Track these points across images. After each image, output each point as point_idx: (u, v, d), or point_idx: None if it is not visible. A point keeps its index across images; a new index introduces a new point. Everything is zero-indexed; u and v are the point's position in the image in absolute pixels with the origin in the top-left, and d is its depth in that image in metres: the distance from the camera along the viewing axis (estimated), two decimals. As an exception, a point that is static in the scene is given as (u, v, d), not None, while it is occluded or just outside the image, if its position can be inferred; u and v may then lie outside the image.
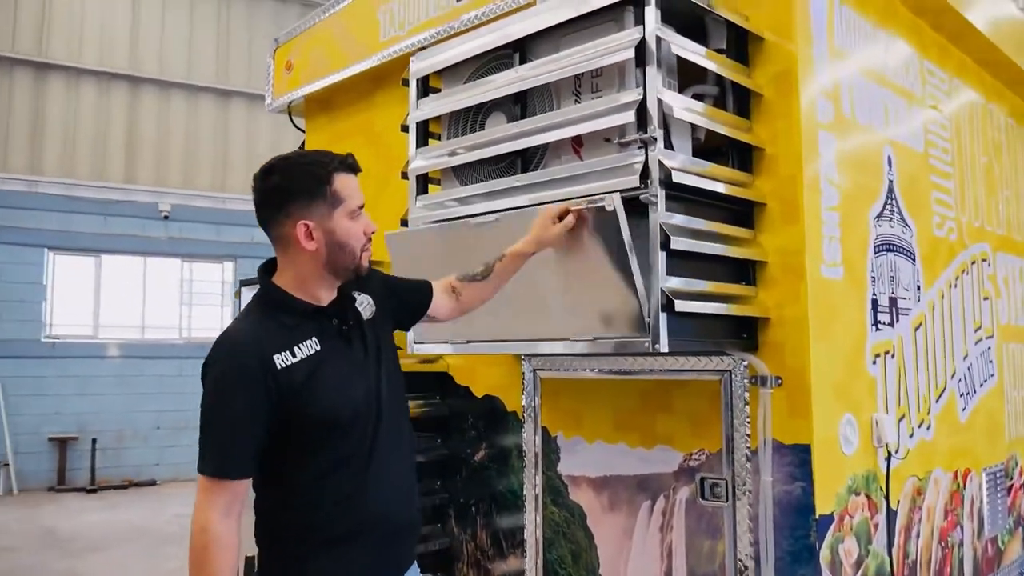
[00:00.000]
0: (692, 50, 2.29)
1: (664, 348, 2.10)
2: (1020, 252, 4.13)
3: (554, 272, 2.32)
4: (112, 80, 11.86)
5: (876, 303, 2.70)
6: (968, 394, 3.38)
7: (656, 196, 2.10)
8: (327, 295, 1.92)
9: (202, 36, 12.60)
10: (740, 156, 2.47)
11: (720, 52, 2.46)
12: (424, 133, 2.81)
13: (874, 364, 2.67)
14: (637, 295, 2.12)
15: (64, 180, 11.41)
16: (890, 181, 2.88)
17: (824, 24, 2.59)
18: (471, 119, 2.67)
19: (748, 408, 2.37)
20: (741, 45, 2.51)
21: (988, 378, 3.60)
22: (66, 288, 11.46)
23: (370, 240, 1.92)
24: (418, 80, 2.80)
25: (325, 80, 3.96)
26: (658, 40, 2.16)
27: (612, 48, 2.20)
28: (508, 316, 2.50)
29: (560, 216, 2.20)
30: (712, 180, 2.31)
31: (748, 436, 2.37)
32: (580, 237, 2.20)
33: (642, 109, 2.14)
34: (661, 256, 2.10)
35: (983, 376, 3.55)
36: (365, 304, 2.00)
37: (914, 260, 2.99)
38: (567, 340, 2.45)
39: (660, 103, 2.16)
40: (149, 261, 11.97)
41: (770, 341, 2.42)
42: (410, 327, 2.31)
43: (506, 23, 2.52)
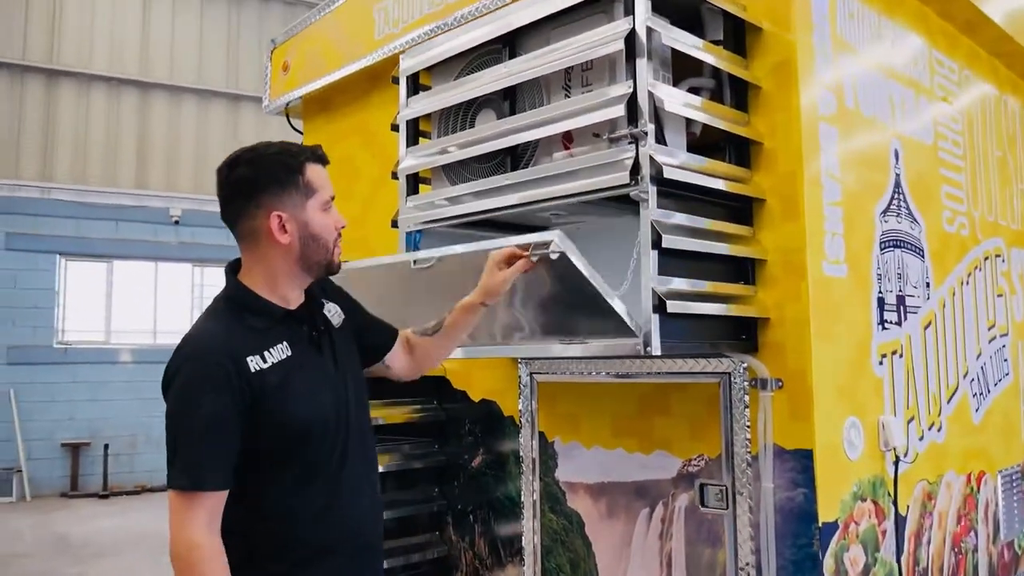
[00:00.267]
0: (686, 41, 2.21)
1: (655, 351, 2.01)
2: (1036, 248, 4.01)
3: (537, 288, 2.17)
4: (122, 86, 11.91)
5: (882, 301, 2.61)
6: (982, 394, 3.27)
7: (647, 193, 2.02)
8: (296, 296, 1.83)
9: (212, 41, 12.63)
10: (738, 151, 2.38)
11: (717, 43, 2.38)
12: (415, 132, 2.74)
13: (880, 364, 2.57)
14: (616, 313, 2.00)
15: (76, 186, 11.48)
16: (897, 175, 2.78)
17: (826, 13, 2.49)
18: (461, 117, 2.60)
19: (748, 412, 2.28)
20: (739, 36, 2.42)
21: (1003, 377, 3.48)
22: (78, 294, 11.51)
23: (340, 236, 1.85)
24: (408, 78, 2.73)
25: (321, 80, 3.89)
26: (649, 31, 2.08)
27: (601, 40, 2.12)
28: (505, 318, 2.42)
29: (507, 261, 1.98)
30: (708, 176, 2.22)
31: (748, 441, 2.29)
32: (539, 273, 2.01)
33: (632, 103, 2.06)
34: (652, 255, 2.02)
35: (998, 375, 3.44)
36: (334, 312, 1.92)
37: (923, 256, 2.89)
38: (561, 343, 2.38)
39: (651, 97, 2.08)
40: (160, 266, 12.00)
41: (770, 342, 2.33)
42: (362, 369, 2.04)
43: (495, 17, 2.45)
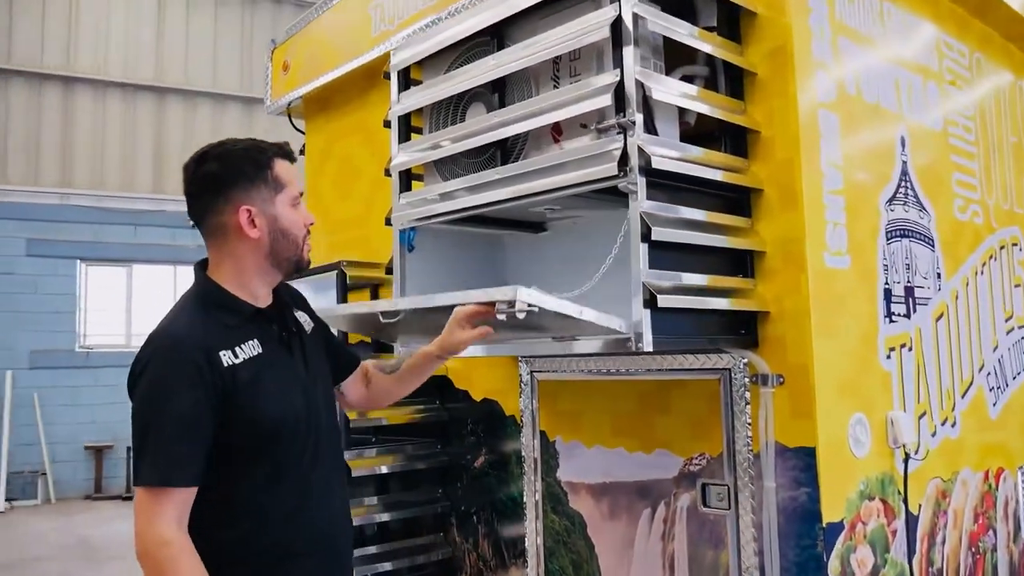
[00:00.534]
0: (676, 28, 2.14)
1: (647, 347, 1.94)
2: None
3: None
4: (138, 91, 11.99)
5: (889, 293, 2.52)
6: (999, 388, 3.16)
7: (635, 184, 1.95)
8: (264, 294, 1.80)
9: (226, 45, 12.68)
10: (734, 140, 2.31)
11: (711, 30, 2.31)
12: (406, 128, 2.70)
13: (888, 359, 2.48)
14: (600, 326, 1.96)
15: (94, 192, 11.57)
16: (904, 162, 2.69)
17: (824, -5, 2.41)
18: (451, 111, 2.54)
19: (749, 409, 2.22)
20: (733, 21, 2.34)
21: (1022, 371, 3.37)
22: (98, 298, 11.60)
23: (309, 232, 1.83)
24: (399, 73, 2.69)
25: (320, 79, 3.86)
26: (635, 18, 2.01)
27: (587, 28, 2.06)
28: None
29: (470, 319, 1.92)
30: (702, 166, 2.15)
31: (750, 439, 2.22)
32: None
33: (620, 92, 1.99)
34: (642, 248, 1.95)
35: (1017, 368, 3.33)
36: (305, 320, 1.90)
37: (933, 246, 2.80)
38: (554, 339, 2.32)
39: (640, 85, 2.01)
40: (179, 270, 12.03)
41: (770, 337, 2.26)
42: (331, 377, 2.03)
43: (482, 8, 2.40)
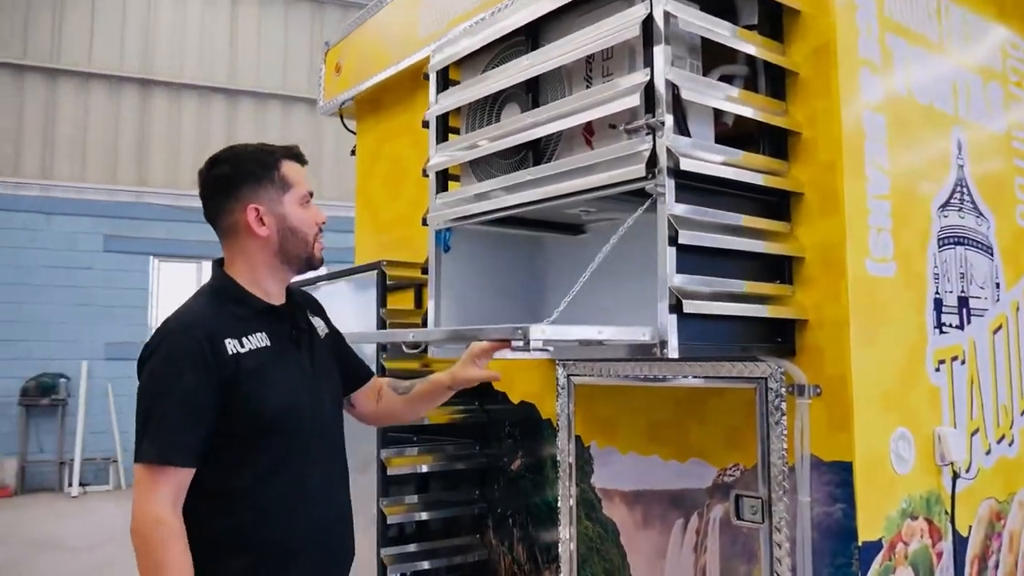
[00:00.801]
0: (710, 26, 2.08)
1: (672, 353, 1.89)
2: None
3: None
4: (212, 94, 12.39)
5: (940, 303, 2.40)
6: (1065, 405, 2.99)
7: (663, 187, 1.91)
8: (277, 292, 1.84)
9: (295, 48, 12.97)
10: (773, 142, 2.23)
11: (751, 28, 2.24)
12: (444, 128, 2.70)
13: (937, 372, 2.37)
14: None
15: (168, 190, 11.98)
16: (960, 166, 2.56)
17: (872, -9, 2.32)
18: (487, 112, 2.53)
19: (785, 420, 2.14)
20: (775, 20, 2.27)
21: (1092, 387, 3.18)
22: (170, 293, 11.97)
23: (321, 231, 1.86)
24: (437, 73, 2.69)
25: (370, 80, 3.90)
26: (667, 16, 1.96)
27: (618, 27, 2.02)
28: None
29: (484, 355, 2.02)
30: (738, 168, 2.09)
31: (785, 451, 2.14)
32: None
33: (649, 91, 1.95)
34: (670, 252, 1.90)
35: (1086, 385, 3.14)
36: (320, 325, 1.93)
37: (992, 255, 2.66)
38: (584, 343, 2.29)
39: (671, 85, 1.96)
40: (247, 267, 12.38)
41: (809, 346, 2.18)
42: (339, 383, 2.09)
43: (518, 7, 2.38)
